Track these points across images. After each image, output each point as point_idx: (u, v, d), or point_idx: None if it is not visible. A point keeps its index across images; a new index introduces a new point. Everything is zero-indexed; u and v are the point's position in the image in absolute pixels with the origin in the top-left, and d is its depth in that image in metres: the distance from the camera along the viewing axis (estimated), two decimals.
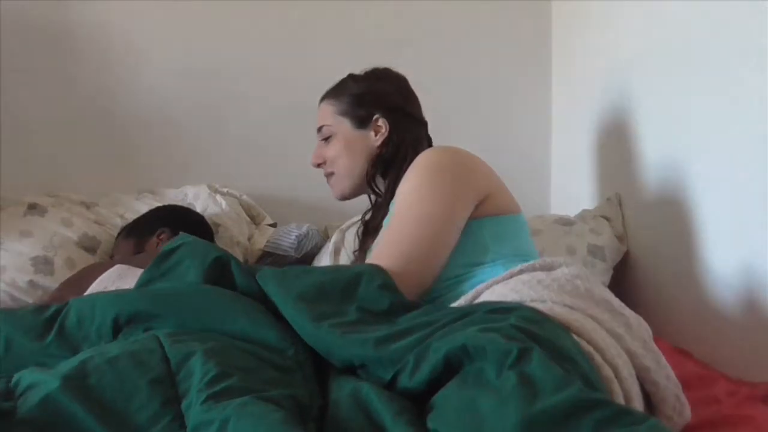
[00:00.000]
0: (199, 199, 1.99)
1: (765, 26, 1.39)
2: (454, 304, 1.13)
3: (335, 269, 1.20)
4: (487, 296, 1.11)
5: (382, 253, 1.22)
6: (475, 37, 2.29)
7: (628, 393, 0.94)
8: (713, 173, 1.57)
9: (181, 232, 1.24)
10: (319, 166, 1.53)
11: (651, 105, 1.79)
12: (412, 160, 1.38)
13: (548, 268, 1.15)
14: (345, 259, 1.80)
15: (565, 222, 1.90)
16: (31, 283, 1.71)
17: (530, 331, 0.88)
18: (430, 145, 1.51)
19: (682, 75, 1.65)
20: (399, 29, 2.24)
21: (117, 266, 1.47)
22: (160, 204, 1.94)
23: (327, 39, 2.19)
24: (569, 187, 2.26)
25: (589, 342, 0.96)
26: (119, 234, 1.81)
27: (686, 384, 1.05)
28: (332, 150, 1.49)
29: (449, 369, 0.85)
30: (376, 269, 1.12)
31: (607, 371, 0.93)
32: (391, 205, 1.36)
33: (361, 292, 1.07)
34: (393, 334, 0.95)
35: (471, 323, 0.92)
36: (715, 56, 1.53)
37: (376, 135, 1.46)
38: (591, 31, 2.10)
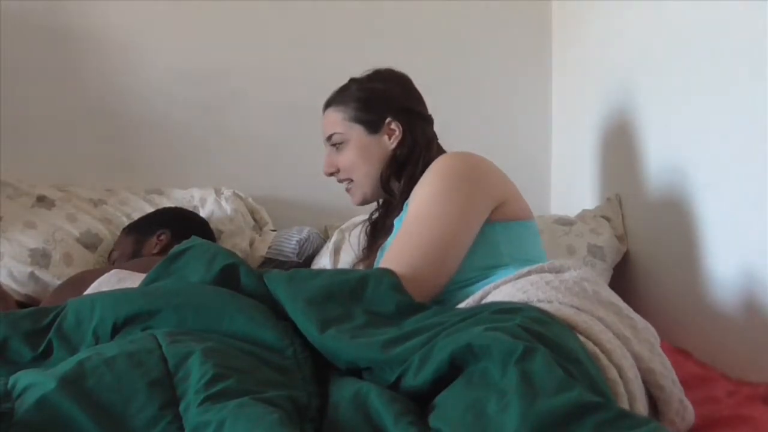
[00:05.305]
0: (205, 203, 1.99)
1: (765, 27, 1.38)
2: (462, 305, 1.12)
3: (343, 272, 1.18)
4: (494, 296, 1.11)
5: (396, 256, 1.20)
6: (475, 37, 2.29)
7: (632, 395, 0.93)
8: (713, 173, 1.57)
9: (193, 236, 1.23)
10: (331, 174, 1.49)
11: (651, 105, 1.79)
12: (425, 160, 1.38)
13: (556, 270, 1.15)
14: (346, 258, 1.80)
15: (565, 222, 1.90)
16: (25, 274, 1.72)
17: (536, 332, 0.88)
18: (436, 140, 1.50)
19: (683, 75, 1.65)
20: (399, 30, 2.24)
21: (115, 270, 1.47)
22: (167, 204, 1.94)
23: (328, 40, 2.19)
24: (569, 187, 2.25)
25: (595, 344, 0.96)
26: (123, 229, 1.82)
27: (686, 384, 1.05)
28: (346, 158, 1.45)
29: (454, 368, 0.85)
30: (384, 272, 1.12)
31: (613, 373, 0.93)
32: (405, 204, 1.35)
33: (368, 294, 1.06)
34: (400, 336, 0.95)
35: (477, 323, 0.91)
36: (716, 56, 1.53)
37: (390, 138, 1.43)
38: (591, 31, 2.10)
